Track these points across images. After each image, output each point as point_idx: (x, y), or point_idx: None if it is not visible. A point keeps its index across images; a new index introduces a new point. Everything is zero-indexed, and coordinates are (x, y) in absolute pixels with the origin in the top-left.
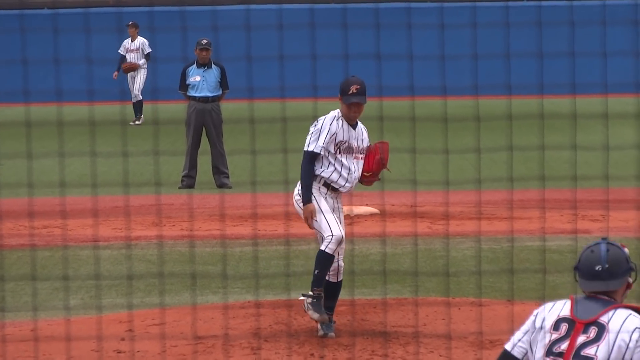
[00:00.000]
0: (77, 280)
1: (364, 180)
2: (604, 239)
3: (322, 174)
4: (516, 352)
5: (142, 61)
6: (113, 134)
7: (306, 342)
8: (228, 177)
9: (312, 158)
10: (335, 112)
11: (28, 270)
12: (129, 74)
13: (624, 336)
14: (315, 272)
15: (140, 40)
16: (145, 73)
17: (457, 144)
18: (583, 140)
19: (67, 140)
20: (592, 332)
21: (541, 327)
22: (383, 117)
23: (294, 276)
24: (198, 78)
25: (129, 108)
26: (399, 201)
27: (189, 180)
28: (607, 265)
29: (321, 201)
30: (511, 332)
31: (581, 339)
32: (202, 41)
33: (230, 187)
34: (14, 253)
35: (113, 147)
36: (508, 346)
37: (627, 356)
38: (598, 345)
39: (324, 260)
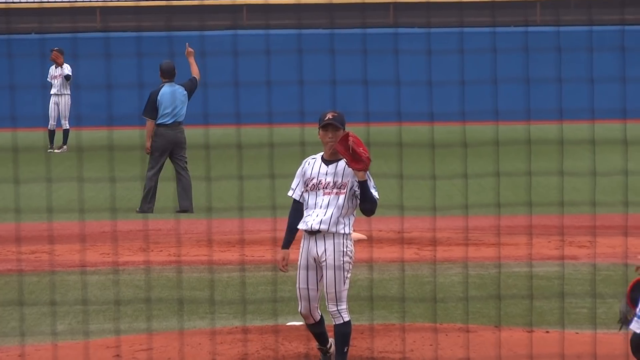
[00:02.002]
0: (65, 306)
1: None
2: None
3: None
4: None
5: (66, 90)
6: (100, 159)
7: None
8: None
9: (293, 203)
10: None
11: (15, 295)
12: (52, 101)
13: None
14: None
15: (66, 66)
16: (69, 100)
17: (445, 170)
18: (570, 166)
19: (55, 165)
20: None
21: None
22: (370, 142)
23: (282, 302)
24: None
25: (118, 133)
26: (387, 227)
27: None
28: None
29: (300, 260)
30: (499, 358)
31: None
32: None
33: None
34: (1, 278)
35: (100, 172)
36: None
37: None
38: None
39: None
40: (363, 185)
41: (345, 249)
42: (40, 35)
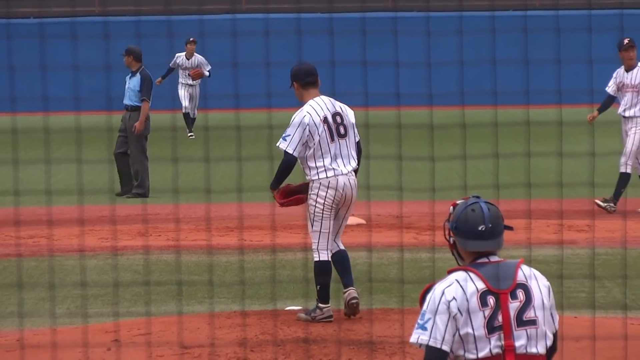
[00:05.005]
0: (63, 290)
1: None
2: (476, 196)
3: None
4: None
5: (198, 81)
6: (100, 142)
7: (292, 352)
8: (136, 187)
9: None
10: None
11: (14, 279)
12: (186, 89)
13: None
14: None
15: (198, 59)
16: (199, 90)
17: (443, 153)
18: (569, 149)
19: (54, 149)
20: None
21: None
22: (369, 124)
23: (280, 286)
24: (126, 84)
25: (117, 117)
26: (385, 211)
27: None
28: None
29: None
30: None
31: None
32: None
33: (133, 196)
34: None
35: (100, 156)
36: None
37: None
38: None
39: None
40: None
41: (310, 193)
42: (39, 19)
